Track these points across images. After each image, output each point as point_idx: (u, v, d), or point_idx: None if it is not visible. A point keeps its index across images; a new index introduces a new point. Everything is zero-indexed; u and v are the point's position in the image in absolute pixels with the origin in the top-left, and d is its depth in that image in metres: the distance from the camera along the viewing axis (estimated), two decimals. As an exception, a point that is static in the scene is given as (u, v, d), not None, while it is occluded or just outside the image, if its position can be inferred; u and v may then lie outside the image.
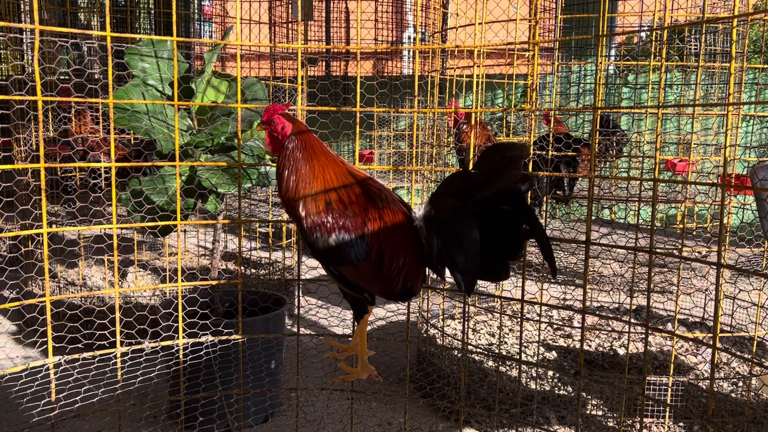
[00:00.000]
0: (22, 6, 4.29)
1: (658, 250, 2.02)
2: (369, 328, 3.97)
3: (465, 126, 3.78)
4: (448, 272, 1.86)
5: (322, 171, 1.90)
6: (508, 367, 2.97)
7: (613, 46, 5.73)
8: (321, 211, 1.85)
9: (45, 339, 2.15)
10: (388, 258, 1.84)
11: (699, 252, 3.36)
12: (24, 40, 3.99)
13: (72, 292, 3.75)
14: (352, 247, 1.83)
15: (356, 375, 2.09)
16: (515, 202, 1.73)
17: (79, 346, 2.39)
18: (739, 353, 3.01)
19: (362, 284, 1.90)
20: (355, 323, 2.06)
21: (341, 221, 1.85)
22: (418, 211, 1.90)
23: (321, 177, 1.89)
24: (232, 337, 2.39)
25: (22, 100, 2.40)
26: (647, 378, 2.62)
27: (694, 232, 4.15)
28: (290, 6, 5.46)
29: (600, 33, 2.06)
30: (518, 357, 2.33)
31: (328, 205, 1.86)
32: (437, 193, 1.85)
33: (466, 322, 2.46)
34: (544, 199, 3.63)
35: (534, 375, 2.85)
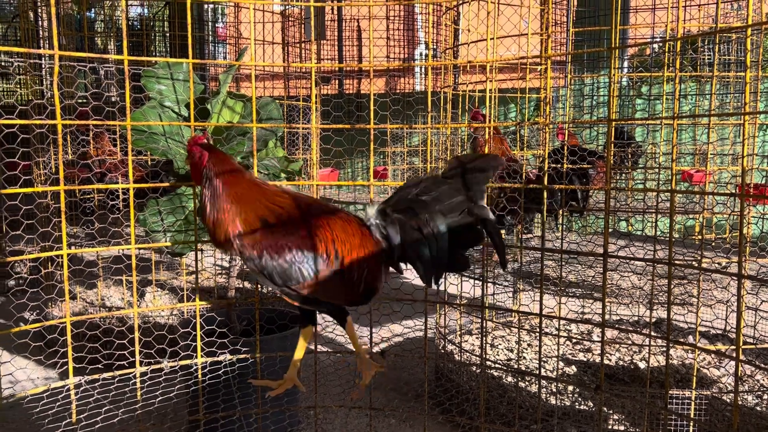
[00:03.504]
0: (40, 32, 4.37)
1: (677, 262, 2.00)
2: (385, 345, 3.96)
3: (480, 139, 3.79)
4: (408, 266, 1.92)
5: (247, 194, 1.86)
6: (527, 383, 2.95)
7: (626, 58, 5.72)
8: (259, 233, 1.81)
9: (65, 360, 2.17)
10: (347, 263, 1.83)
11: (719, 263, 3.32)
12: (42, 66, 4.07)
13: (91, 313, 3.78)
14: (304, 261, 1.80)
15: (366, 374, 2.07)
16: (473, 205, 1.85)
17: (99, 366, 2.41)
18: (763, 365, 2.96)
19: (322, 297, 1.86)
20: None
21: (285, 240, 1.80)
22: (369, 211, 1.91)
23: (249, 200, 1.85)
24: (250, 355, 2.40)
25: (42, 124, 2.44)
26: (669, 392, 2.59)
27: (713, 243, 4.11)
28: (303, 26, 5.52)
29: (612, 45, 2.06)
30: (538, 372, 2.31)
31: (265, 227, 1.81)
32: (397, 195, 1.91)
33: (484, 338, 2.44)
34: (560, 212, 3.62)
35: (554, 390, 2.82)
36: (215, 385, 2.37)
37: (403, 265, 1.94)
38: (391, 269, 1.96)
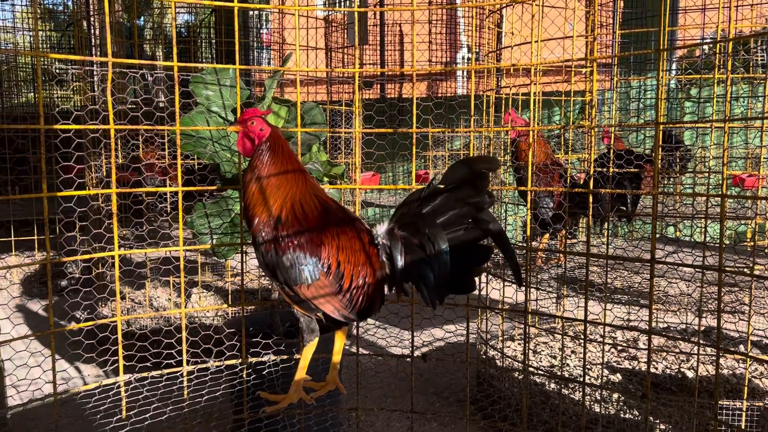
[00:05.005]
0: (92, 40, 4.52)
1: (727, 269, 1.95)
2: (426, 349, 3.96)
3: (523, 143, 3.76)
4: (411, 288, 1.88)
5: (288, 182, 1.86)
6: (570, 390, 2.90)
7: (674, 59, 5.60)
8: (279, 225, 1.81)
9: (116, 358, 2.23)
10: (347, 276, 1.81)
11: (772, 270, 3.22)
12: (94, 72, 4.21)
13: (139, 313, 3.88)
14: (305, 264, 1.80)
15: (285, 399, 2.10)
16: (480, 216, 1.78)
17: (148, 364, 2.47)
18: (819, 377, 2.85)
19: (317, 304, 1.85)
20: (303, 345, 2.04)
21: (295, 239, 1.80)
22: (380, 228, 1.89)
23: (285, 188, 1.85)
24: (294, 356, 2.43)
25: (95, 128, 2.52)
26: (719, 402, 2.52)
27: (766, 250, 3.98)
28: (346, 31, 5.57)
29: (661, 47, 2.03)
30: (582, 379, 2.27)
31: (287, 219, 1.82)
32: (401, 211, 1.87)
33: (527, 343, 2.42)
34: (608, 216, 3.56)
35: (598, 398, 2.78)
36: (259, 385, 2.41)
37: (408, 287, 1.91)
38: (396, 291, 1.92)
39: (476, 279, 1.85)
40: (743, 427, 2.48)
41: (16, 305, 4.85)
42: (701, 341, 3.01)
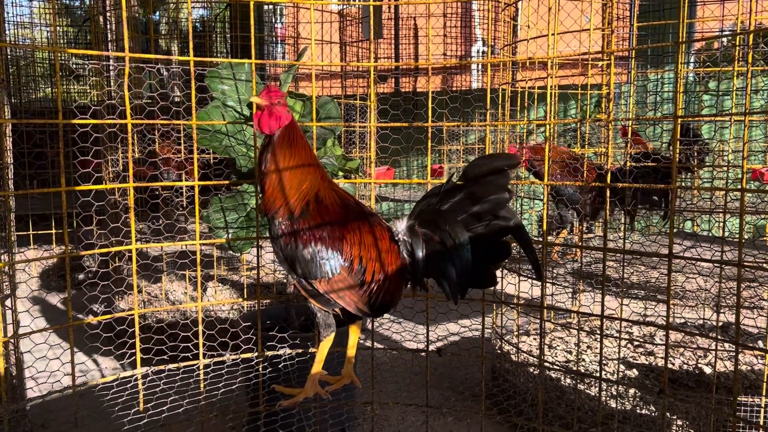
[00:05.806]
0: (109, 35, 4.55)
1: (746, 264, 1.92)
2: (441, 343, 3.96)
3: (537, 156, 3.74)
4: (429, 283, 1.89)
5: (310, 174, 1.84)
6: (586, 385, 2.89)
7: (693, 52, 5.53)
8: (301, 217, 1.78)
9: (133, 351, 2.25)
10: (369, 271, 1.80)
11: (792, 265, 3.17)
12: (110, 67, 4.23)
13: (156, 306, 3.91)
14: (328, 259, 1.78)
15: (300, 393, 2.09)
16: (500, 213, 1.78)
17: (165, 357, 2.49)
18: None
19: (336, 299, 1.84)
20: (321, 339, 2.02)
21: (317, 232, 1.78)
22: (400, 225, 1.88)
23: (306, 180, 1.82)
24: (309, 350, 2.43)
25: (113, 123, 2.54)
26: (738, 398, 2.49)
27: (786, 245, 3.93)
28: (360, 25, 5.56)
29: (679, 39, 2.00)
30: (598, 374, 2.26)
31: (308, 212, 1.79)
32: (420, 207, 1.86)
33: (543, 339, 2.41)
34: (634, 211, 3.53)
35: (614, 393, 2.76)
36: (275, 378, 2.42)
37: (426, 283, 1.91)
38: (413, 287, 1.92)
39: (497, 273, 1.85)
40: (762, 423, 2.45)
41: (35, 298, 4.92)
42: (719, 337, 2.98)
